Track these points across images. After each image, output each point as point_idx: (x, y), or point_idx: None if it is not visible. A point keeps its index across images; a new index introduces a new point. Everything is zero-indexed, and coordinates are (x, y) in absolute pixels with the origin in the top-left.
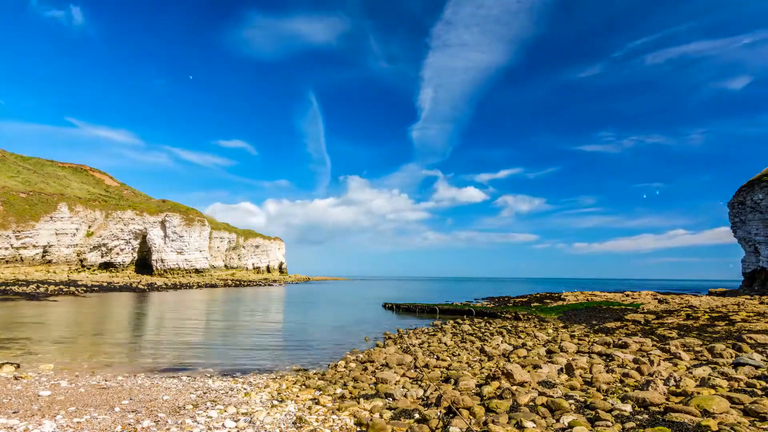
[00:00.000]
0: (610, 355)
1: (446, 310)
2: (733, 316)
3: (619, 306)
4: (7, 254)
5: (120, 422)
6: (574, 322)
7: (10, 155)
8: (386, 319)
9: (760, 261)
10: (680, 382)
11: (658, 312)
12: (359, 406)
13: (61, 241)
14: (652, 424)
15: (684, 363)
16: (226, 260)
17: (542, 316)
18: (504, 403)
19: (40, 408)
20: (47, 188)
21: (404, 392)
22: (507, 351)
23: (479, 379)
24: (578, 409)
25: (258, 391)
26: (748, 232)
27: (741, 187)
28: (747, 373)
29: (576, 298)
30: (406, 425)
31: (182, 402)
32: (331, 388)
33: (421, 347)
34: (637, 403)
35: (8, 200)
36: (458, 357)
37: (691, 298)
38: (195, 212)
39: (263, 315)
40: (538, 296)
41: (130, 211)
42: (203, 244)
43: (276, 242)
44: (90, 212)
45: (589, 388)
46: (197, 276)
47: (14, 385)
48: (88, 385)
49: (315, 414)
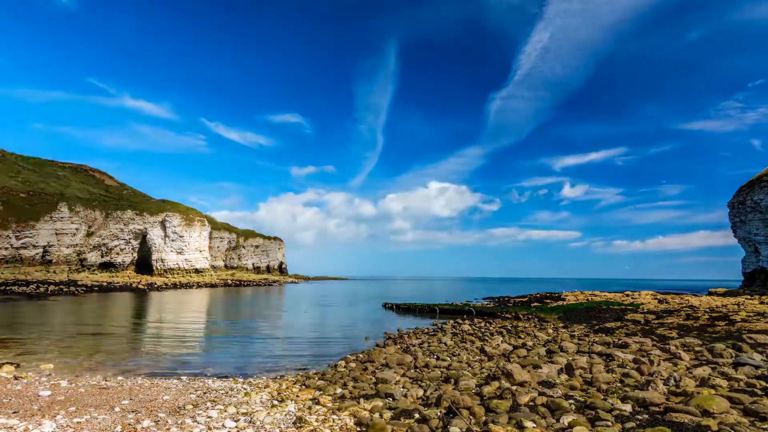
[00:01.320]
0: (610, 355)
1: (446, 310)
2: (733, 316)
3: (619, 306)
4: (7, 254)
5: (120, 422)
6: (574, 322)
7: (10, 155)
8: (386, 318)
9: (760, 261)
10: (680, 382)
11: (658, 312)
12: (359, 406)
13: (61, 241)
14: (652, 424)
15: (684, 363)
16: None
17: (542, 316)
18: (504, 403)
19: (40, 408)
20: (47, 188)
21: (404, 392)
22: (507, 351)
23: (479, 379)
24: (578, 409)
25: (258, 391)
26: (748, 232)
27: (741, 187)
28: (747, 373)
29: (576, 298)
30: (406, 425)
31: (182, 402)
32: (331, 388)
33: (421, 347)
34: (637, 403)
35: (8, 200)
36: (458, 357)
37: (691, 298)
38: (195, 212)
39: (263, 315)
40: (538, 296)
41: (130, 211)
42: (203, 244)
43: (276, 242)
44: (90, 212)
45: (589, 388)
46: (197, 276)
47: (14, 385)
48: (88, 385)
49: (315, 414)
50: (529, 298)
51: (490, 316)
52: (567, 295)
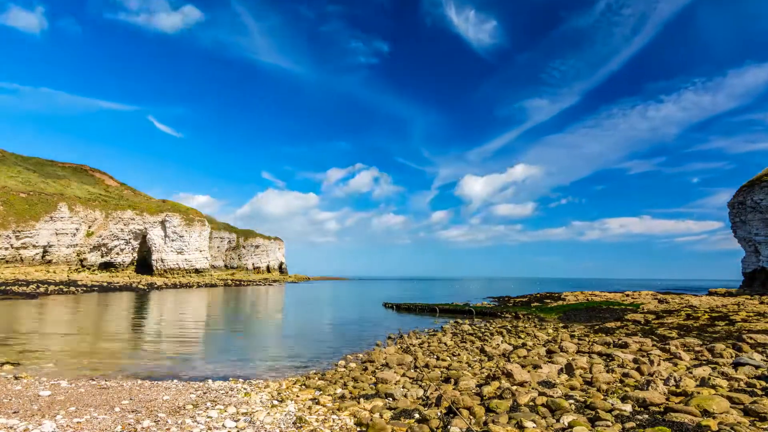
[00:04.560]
0: (610, 355)
1: (446, 309)
2: (733, 316)
3: (619, 306)
4: (7, 254)
5: (120, 422)
6: (574, 322)
7: (10, 155)
8: (386, 318)
9: (760, 261)
10: (680, 382)
11: (658, 312)
12: (359, 406)
13: (61, 241)
14: (653, 424)
15: (684, 363)
16: (226, 260)
17: (542, 316)
18: (504, 403)
19: (40, 408)
20: (47, 188)
21: (404, 392)
22: (507, 351)
23: (479, 379)
24: (578, 409)
25: (258, 391)
26: (748, 232)
27: (741, 187)
28: (747, 373)
29: (576, 298)
30: (406, 425)
31: (182, 402)
32: (331, 388)
33: (421, 347)
34: (637, 403)
35: (8, 200)
36: (458, 357)
37: (691, 298)
38: (195, 212)
39: (263, 315)
40: (538, 296)
41: (130, 211)
42: (203, 244)
43: (276, 242)
44: (90, 212)
45: (589, 388)
46: (197, 276)
47: (14, 385)
48: (88, 385)
49: (315, 414)
50: (529, 298)
51: (490, 316)
52: (567, 295)
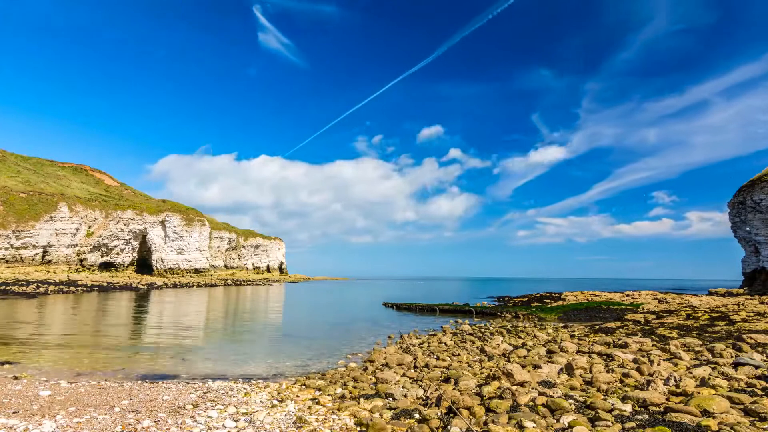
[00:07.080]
0: (610, 355)
1: (446, 309)
2: (733, 316)
3: (619, 306)
4: (7, 254)
5: (120, 422)
6: (574, 322)
7: (10, 155)
8: (386, 318)
9: (760, 261)
10: (680, 382)
11: (658, 312)
12: (359, 406)
13: (61, 241)
14: (653, 424)
15: (684, 363)
16: (226, 260)
17: (542, 315)
18: (504, 403)
19: (40, 408)
20: (47, 188)
21: (404, 392)
22: (507, 351)
23: (479, 379)
24: (578, 409)
25: (258, 391)
26: (748, 232)
27: (741, 187)
28: (747, 373)
29: (576, 298)
30: (406, 425)
31: (182, 402)
32: (331, 388)
33: (421, 347)
34: (637, 403)
35: (8, 200)
36: (458, 357)
37: (691, 298)
38: (195, 212)
39: (263, 315)
40: (538, 296)
41: (130, 211)
42: (203, 244)
43: (276, 242)
44: (90, 212)
45: (589, 388)
46: (197, 276)
47: (14, 385)
48: (88, 385)
49: (315, 414)
50: (529, 298)
51: (490, 316)
52: (567, 295)
